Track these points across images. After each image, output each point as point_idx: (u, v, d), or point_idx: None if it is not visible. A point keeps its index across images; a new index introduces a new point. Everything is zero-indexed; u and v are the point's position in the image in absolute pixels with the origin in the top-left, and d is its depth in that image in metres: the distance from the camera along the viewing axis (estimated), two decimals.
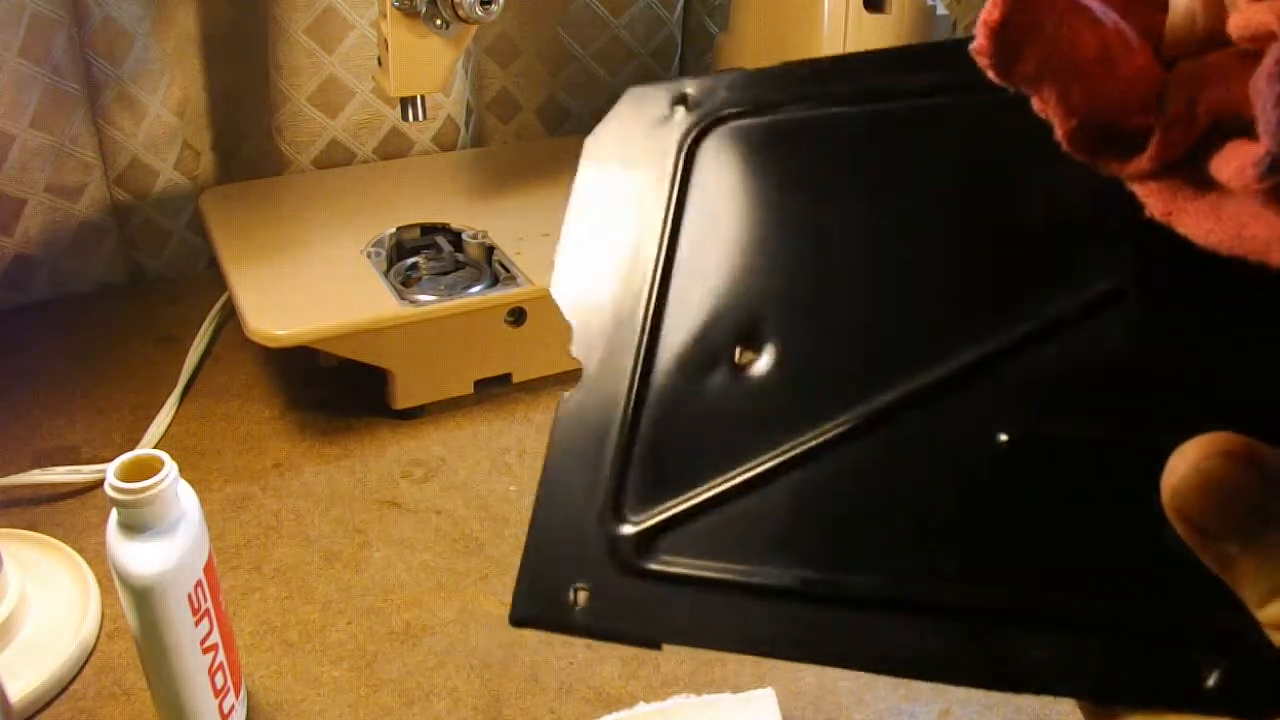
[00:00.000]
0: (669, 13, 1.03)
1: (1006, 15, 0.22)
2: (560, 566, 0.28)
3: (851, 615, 0.25)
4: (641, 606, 0.27)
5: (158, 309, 0.87)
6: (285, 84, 0.88)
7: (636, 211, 0.31)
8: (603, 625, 0.27)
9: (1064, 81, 0.22)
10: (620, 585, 0.27)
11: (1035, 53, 0.22)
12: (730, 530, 0.26)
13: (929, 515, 0.25)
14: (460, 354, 0.75)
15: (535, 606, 0.28)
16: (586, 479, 0.29)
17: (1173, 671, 0.23)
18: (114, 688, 0.56)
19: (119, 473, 0.46)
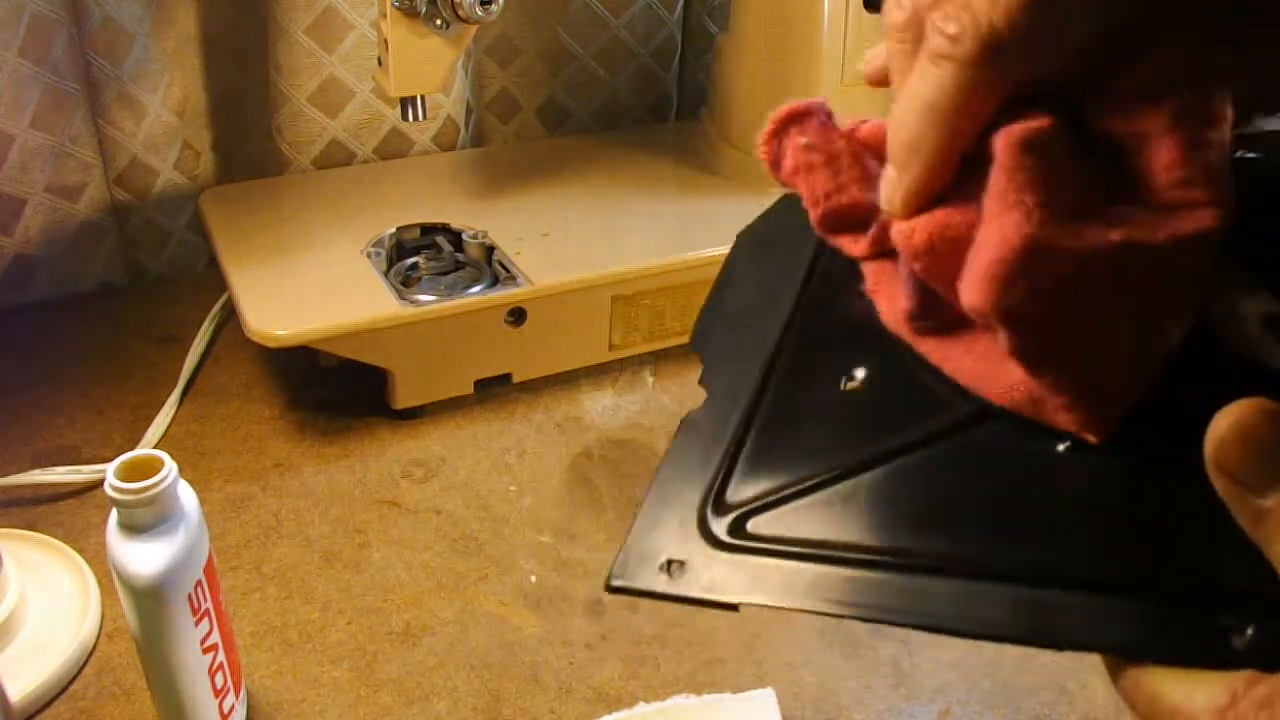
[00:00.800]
0: (669, 13, 1.03)
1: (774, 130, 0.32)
2: (658, 543, 0.31)
3: (913, 581, 0.27)
4: (725, 576, 0.30)
5: (158, 309, 0.87)
6: (285, 84, 0.88)
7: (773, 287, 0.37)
8: (687, 588, 0.30)
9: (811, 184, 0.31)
10: (709, 558, 0.30)
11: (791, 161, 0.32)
12: (813, 514, 0.30)
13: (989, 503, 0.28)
14: (460, 354, 0.75)
15: (629, 575, 0.31)
16: (695, 476, 0.32)
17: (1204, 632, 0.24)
18: (114, 688, 0.56)
19: (119, 473, 0.46)
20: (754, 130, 1.02)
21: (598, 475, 0.71)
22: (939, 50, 0.26)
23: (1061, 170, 0.26)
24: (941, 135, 0.27)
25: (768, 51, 0.88)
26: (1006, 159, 0.26)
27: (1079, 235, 0.25)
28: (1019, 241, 0.25)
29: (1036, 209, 0.25)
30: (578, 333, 0.78)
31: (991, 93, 0.27)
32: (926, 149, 0.27)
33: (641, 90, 1.06)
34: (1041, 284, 0.25)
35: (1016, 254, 0.25)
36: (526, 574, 0.64)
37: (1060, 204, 0.25)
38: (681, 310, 0.81)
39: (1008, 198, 0.25)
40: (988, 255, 0.25)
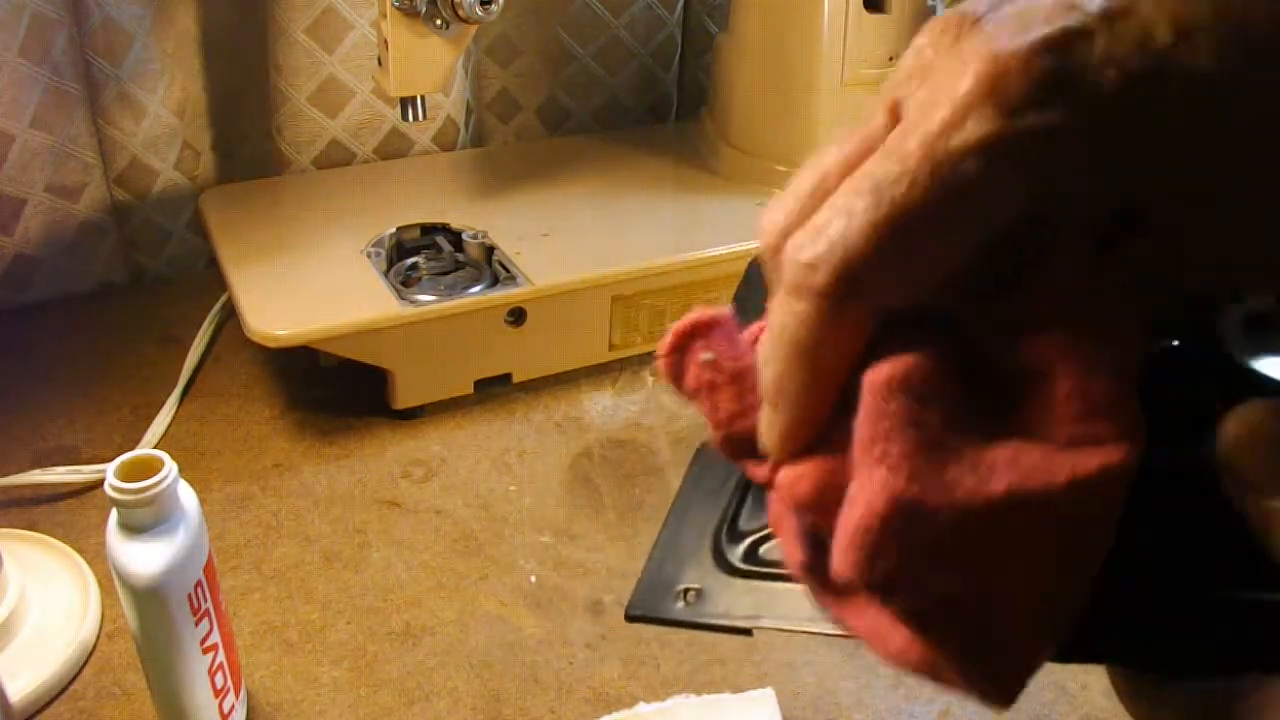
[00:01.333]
0: (669, 13, 1.03)
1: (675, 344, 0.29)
2: (675, 573, 0.31)
3: None
4: (740, 602, 0.30)
5: (158, 309, 0.87)
6: (285, 84, 0.88)
7: None
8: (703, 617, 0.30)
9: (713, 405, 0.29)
10: (724, 585, 0.30)
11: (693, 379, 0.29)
12: None
13: None
14: (460, 354, 0.75)
15: (647, 604, 0.31)
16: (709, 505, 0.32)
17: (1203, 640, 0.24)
18: (114, 688, 0.56)
19: (119, 473, 0.46)
20: (754, 130, 1.01)
21: (598, 475, 0.71)
22: (795, 281, 0.23)
23: (938, 412, 0.23)
24: (806, 374, 0.24)
25: (768, 51, 0.88)
26: (871, 403, 0.23)
27: (955, 488, 0.22)
28: (884, 503, 0.22)
29: (902, 461, 0.22)
30: (578, 333, 0.78)
31: (855, 326, 0.24)
32: (793, 388, 0.25)
33: (641, 90, 1.06)
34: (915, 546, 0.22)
35: (882, 518, 0.22)
36: (526, 574, 0.64)
37: (933, 452, 0.23)
38: (681, 310, 0.81)
39: (873, 450, 0.23)
40: (852, 520, 0.23)
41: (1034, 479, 0.22)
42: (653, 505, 0.69)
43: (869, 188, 0.22)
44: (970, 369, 0.24)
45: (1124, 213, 0.23)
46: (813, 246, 0.23)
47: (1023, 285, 0.23)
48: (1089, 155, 0.22)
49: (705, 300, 0.82)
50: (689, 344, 0.29)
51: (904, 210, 0.22)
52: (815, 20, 0.85)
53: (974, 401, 0.24)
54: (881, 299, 0.23)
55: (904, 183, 0.22)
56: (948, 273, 0.23)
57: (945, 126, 0.22)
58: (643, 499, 0.69)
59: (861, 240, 0.22)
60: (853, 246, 0.22)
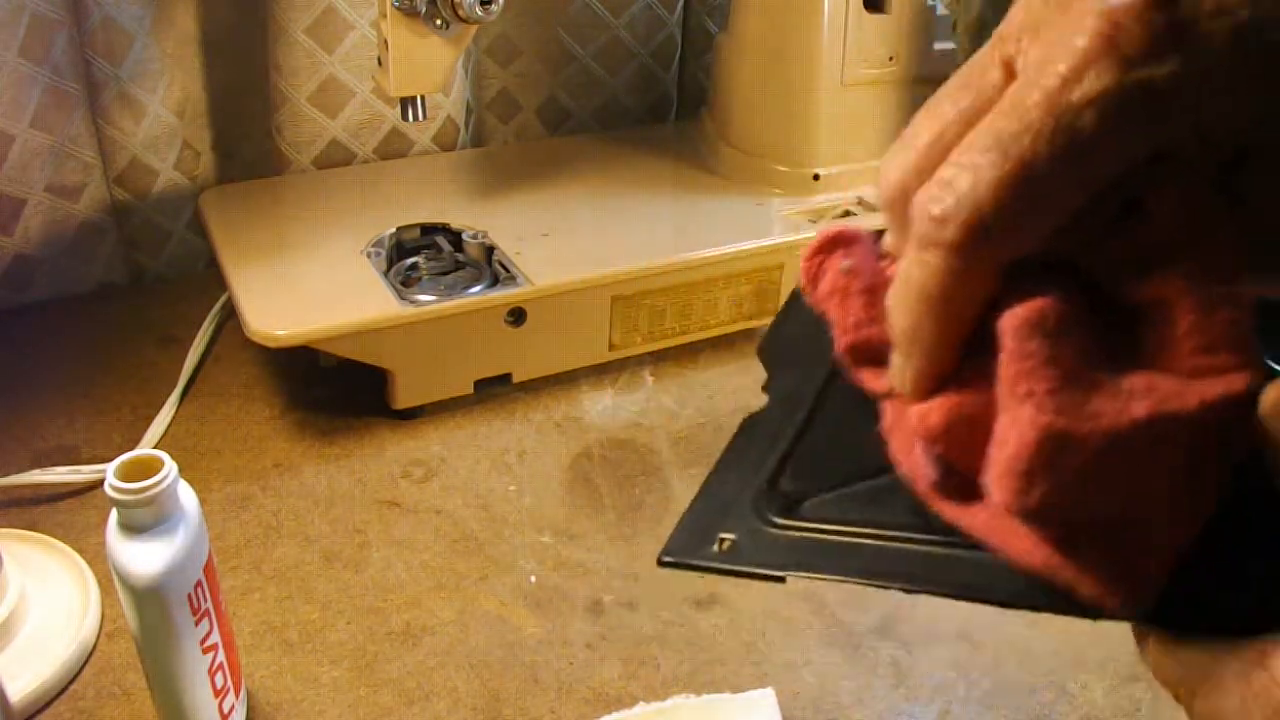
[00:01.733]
0: (669, 13, 1.03)
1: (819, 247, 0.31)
2: (714, 521, 0.31)
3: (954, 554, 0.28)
4: (775, 550, 0.30)
5: (158, 309, 0.87)
6: (285, 84, 0.88)
7: None
8: (737, 563, 0.30)
9: (844, 310, 0.30)
10: (760, 536, 0.31)
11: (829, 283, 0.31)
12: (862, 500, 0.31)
13: None
14: (460, 354, 0.75)
15: (682, 549, 0.31)
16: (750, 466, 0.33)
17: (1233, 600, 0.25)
18: (114, 688, 0.56)
19: (119, 473, 0.46)
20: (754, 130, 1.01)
21: (598, 475, 0.71)
22: (925, 235, 0.25)
23: (1073, 349, 0.25)
24: (938, 323, 0.26)
25: (768, 51, 0.88)
26: (1012, 345, 0.25)
27: (1099, 417, 0.24)
28: (1035, 436, 0.23)
29: (1048, 397, 0.24)
30: (578, 333, 0.78)
31: (985, 276, 0.25)
32: (925, 337, 0.26)
33: (641, 90, 1.06)
34: (1067, 475, 0.24)
35: (1032, 449, 0.23)
36: (526, 574, 0.64)
37: (1074, 386, 0.24)
38: (681, 310, 0.81)
39: (1018, 389, 0.24)
40: (1006, 452, 0.24)
41: (1169, 404, 0.24)
42: (653, 505, 0.69)
43: (993, 143, 0.23)
44: (1094, 308, 0.26)
45: (1236, 155, 0.24)
46: (941, 201, 0.24)
47: (1140, 225, 0.25)
48: (1203, 103, 0.23)
49: (706, 300, 0.82)
50: (831, 250, 0.31)
51: (1029, 164, 0.23)
52: (815, 20, 0.85)
53: (1102, 339, 0.25)
54: (1009, 249, 0.24)
55: (1027, 137, 0.23)
56: (1069, 219, 0.24)
57: (1065, 81, 0.23)
58: (643, 499, 0.69)
59: (989, 195, 0.23)
60: (981, 201, 0.23)
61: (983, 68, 0.26)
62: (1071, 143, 0.23)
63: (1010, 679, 0.58)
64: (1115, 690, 0.57)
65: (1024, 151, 0.23)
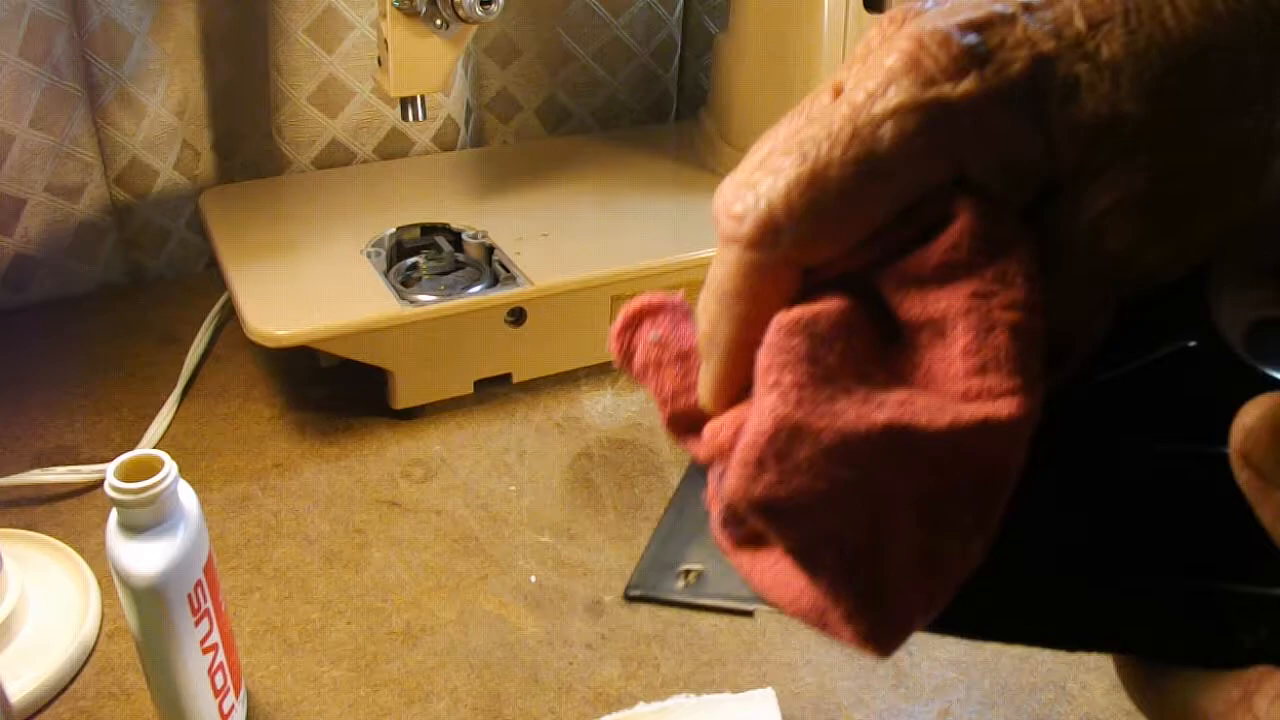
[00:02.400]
0: (669, 13, 1.03)
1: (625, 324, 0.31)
2: (677, 553, 0.31)
3: None
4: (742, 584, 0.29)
5: (158, 309, 0.87)
6: (285, 84, 0.88)
7: None
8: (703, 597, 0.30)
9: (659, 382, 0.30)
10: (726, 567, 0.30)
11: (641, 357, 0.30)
12: None
13: None
14: (460, 354, 0.75)
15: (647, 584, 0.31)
16: None
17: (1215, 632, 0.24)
18: (114, 688, 0.56)
19: (119, 473, 0.46)
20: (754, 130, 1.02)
21: (598, 475, 0.71)
22: (724, 232, 0.25)
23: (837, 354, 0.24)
24: (733, 324, 0.26)
25: (768, 51, 0.88)
26: (773, 339, 0.24)
27: (838, 416, 0.23)
28: (770, 423, 0.23)
29: (792, 389, 0.23)
30: (578, 333, 0.78)
31: (777, 277, 0.25)
32: (721, 339, 0.26)
33: (641, 90, 1.06)
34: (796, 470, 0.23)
35: (765, 437, 0.23)
36: (526, 574, 0.64)
37: (825, 385, 0.24)
38: None
39: (767, 379, 0.24)
40: (742, 443, 0.23)
41: (916, 418, 0.23)
42: (653, 505, 0.69)
43: (795, 148, 0.24)
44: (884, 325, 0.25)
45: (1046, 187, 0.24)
46: (742, 199, 0.25)
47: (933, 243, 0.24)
48: (999, 128, 0.23)
49: None
50: (639, 324, 0.31)
51: (824, 168, 0.24)
52: (815, 20, 0.85)
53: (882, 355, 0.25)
54: (802, 251, 0.25)
55: (826, 144, 0.24)
56: (867, 230, 0.24)
57: (869, 95, 0.24)
58: (643, 499, 0.69)
59: (783, 195, 0.24)
60: (775, 200, 0.24)
61: (817, 94, 0.26)
62: (866, 152, 0.23)
63: (1010, 679, 0.58)
64: (1115, 690, 0.57)
65: (820, 156, 0.24)
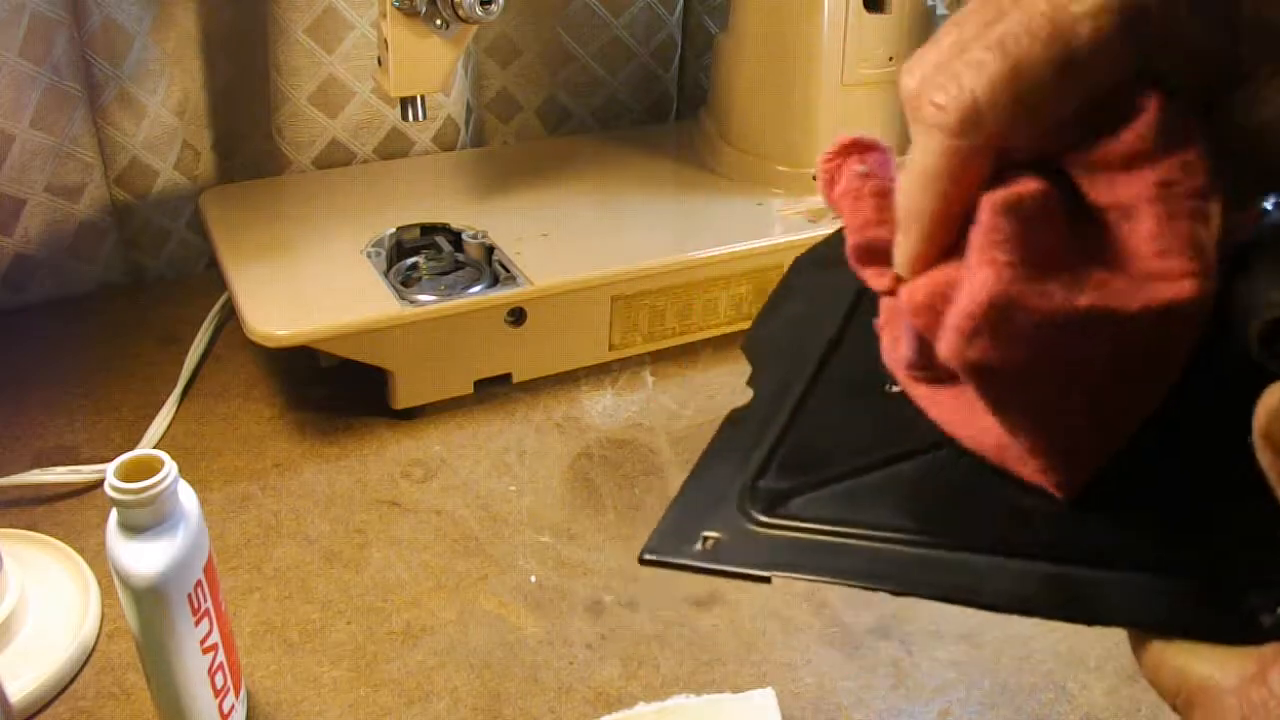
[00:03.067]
0: (669, 13, 1.03)
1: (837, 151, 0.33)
2: (697, 519, 0.32)
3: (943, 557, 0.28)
4: (760, 551, 0.30)
5: (158, 309, 0.87)
6: (285, 84, 0.88)
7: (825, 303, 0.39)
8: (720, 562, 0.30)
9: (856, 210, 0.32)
10: (745, 534, 0.31)
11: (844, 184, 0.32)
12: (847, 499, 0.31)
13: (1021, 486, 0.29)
14: (460, 354, 0.75)
15: (665, 547, 0.31)
16: (735, 463, 0.33)
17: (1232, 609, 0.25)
18: (114, 688, 0.56)
19: (119, 473, 0.46)
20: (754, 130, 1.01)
21: (598, 475, 0.71)
22: (928, 119, 0.27)
23: (1040, 234, 0.26)
24: (934, 202, 0.28)
25: (768, 51, 0.88)
26: (985, 219, 0.26)
27: (1047, 296, 0.25)
28: (985, 297, 0.25)
29: (1006, 267, 0.25)
30: (578, 333, 0.78)
31: (977, 161, 0.27)
32: (922, 216, 0.28)
33: (641, 90, 1.06)
34: (1007, 340, 0.25)
35: (982, 309, 0.25)
36: (526, 574, 0.64)
37: (1033, 264, 0.25)
38: (681, 310, 0.81)
39: (982, 255, 0.26)
40: (957, 308, 0.26)
41: (1112, 300, 0.25)
42: (653, 505, 0.69)
43: (996, 43, 0.26)
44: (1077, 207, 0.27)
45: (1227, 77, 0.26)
46: (945, 90, 0.27)
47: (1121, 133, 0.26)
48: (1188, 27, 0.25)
49: (706, 300, 0.82)
50: (849, 155, 0.33)
51: (1025, 64, 0.26)
52: (815, 20, 0.85)
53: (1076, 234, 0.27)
54: (1001, 139, 0.27)
55: (1026, 39, 0.26)
56: (1061, 118, 0.26)
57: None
58: (643, 499, 0.69)
59: (986, 87, 0.26)
60: (978, 91, 0.26)
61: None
62: (1065, 49, 0.25)
63: (1010, 679, 0.58)
64: (1115, 690, 0.57)
65: (1021, 52, 0.25)
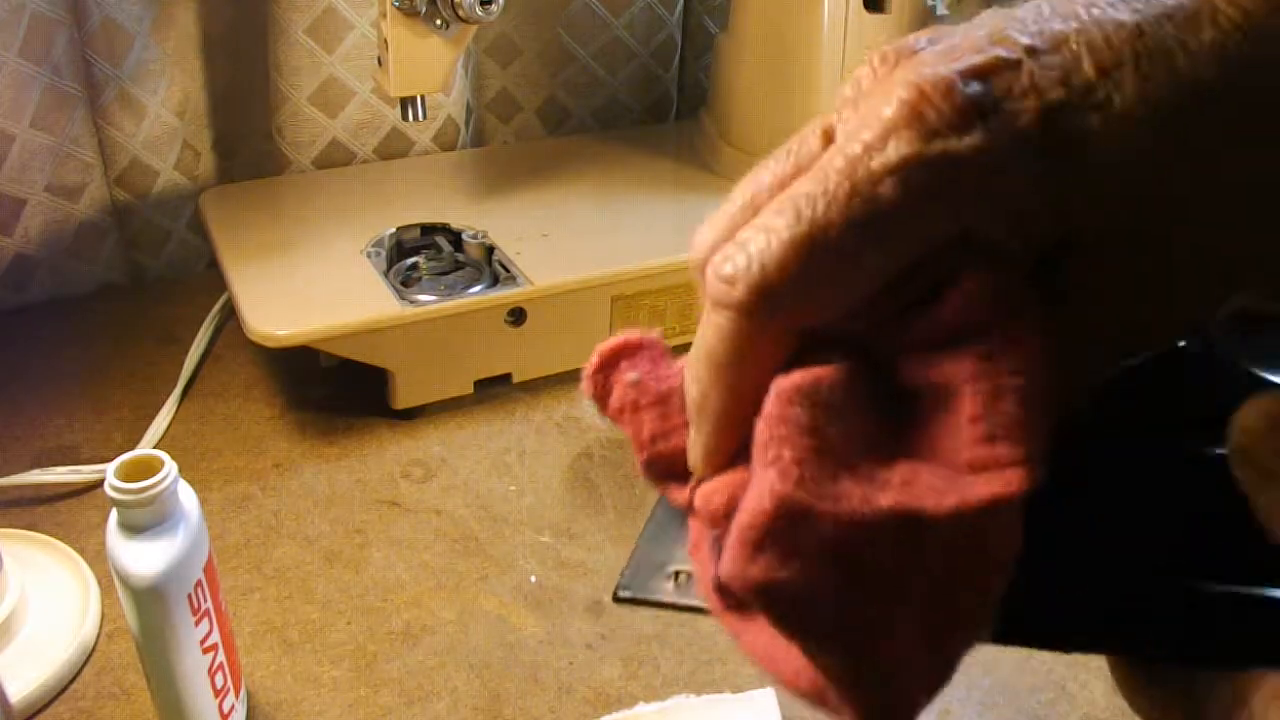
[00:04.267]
0: (669, 13, 1.03)
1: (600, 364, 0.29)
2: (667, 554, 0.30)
3: None
4: None
5: (158, 309, 0.87)
6: (285, 84, 0.88)
7: None
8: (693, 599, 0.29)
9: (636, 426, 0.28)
10: None
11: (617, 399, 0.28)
12: None
13: None
14: (460, 354, 0.75)
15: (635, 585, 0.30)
16: None
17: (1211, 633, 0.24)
18: (114, 688, 0.56)
19: (119, 473, 0.46)
20: (754, 130, 1.01)
21: (598, 475, 0.71)
22: (716, 296, 0.23)
23: (841, 425, 0.23)
24: (724, 390, 0.24)
25: (768, 51, 0.88)
26: (772, 409, 0.23)
27: (843, 499, 0.22)
28: (770, 504, 0.22)
29: (794, 466, 0.22)
30: (578, 333, 0.78)
31: (773, 342, 0.24)
32: (712, 406, 0.25)
33: (641, 90, 1.06)
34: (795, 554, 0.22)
35: (766, 518, 0.22)
36: (526, 574, 0.64)
37: (827, 462, 0.22)
38: (681, 310, 0.81)
39: (767, 453, 0.23)
40: (739, 520, 0.22)
41: (923, 499, 0.22)
42: (652, 505, 0.69)
43: (790, 206, 0.22)
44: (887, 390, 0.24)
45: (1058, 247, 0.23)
46: (733, 261, 0.23)
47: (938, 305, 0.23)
48: (1007, 183, 0.22)
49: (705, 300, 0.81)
50: (615, 364, 0.29)
51: (821, 229, 0.22)
52: (815, 20, 0.85)
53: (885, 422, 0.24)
54: (799, 316, 0.23)
55: (822, 201, 0.22)
56: (869, 293, 0.23)
57: (867, 148, 0.22)
58: (643, 499, 0.69)
59: (778, 257, 0.22)
60: (770, 263, 0.22)
61: (803, 137, 0.25)
62: (867, 210, 0.22)
63: (1010, 679, 0.58)
64: (1115, 691, 0.57)
65: (817, 216, 0.22)
